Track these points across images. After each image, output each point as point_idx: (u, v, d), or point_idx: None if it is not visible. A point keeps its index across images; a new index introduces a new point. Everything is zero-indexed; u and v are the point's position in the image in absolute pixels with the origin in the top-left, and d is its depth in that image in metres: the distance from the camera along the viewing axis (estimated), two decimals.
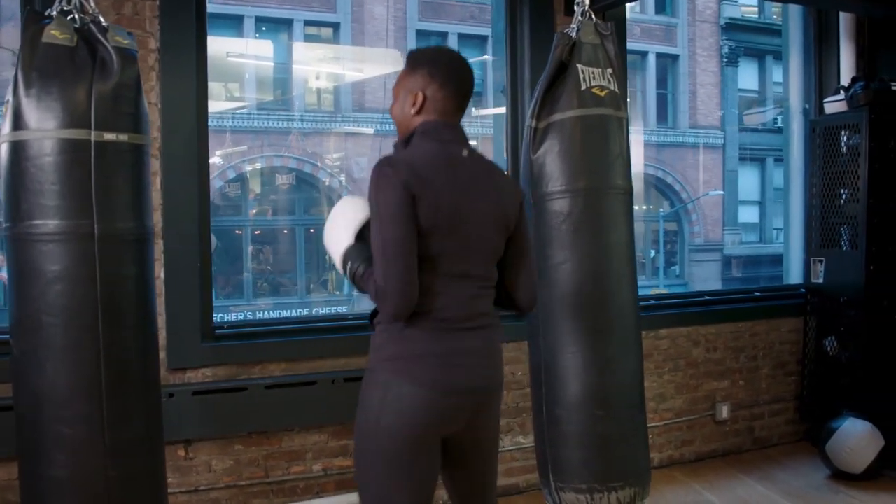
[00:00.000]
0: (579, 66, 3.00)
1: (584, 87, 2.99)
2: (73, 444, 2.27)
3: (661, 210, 17.20)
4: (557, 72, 3.03)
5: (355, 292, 13.55)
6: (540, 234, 2.96)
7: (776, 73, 17.19)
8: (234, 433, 3.33)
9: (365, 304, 13.09)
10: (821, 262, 4.34)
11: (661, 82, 17.57)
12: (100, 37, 2.34)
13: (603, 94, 3.02)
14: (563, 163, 2.95)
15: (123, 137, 2.33)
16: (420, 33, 15.11)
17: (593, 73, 3.02)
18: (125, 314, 2.34)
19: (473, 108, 15.05)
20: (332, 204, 13.86)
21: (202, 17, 3.30)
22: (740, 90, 17.32)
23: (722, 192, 16.47)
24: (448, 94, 2.06)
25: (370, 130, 14.16)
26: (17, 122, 2.27)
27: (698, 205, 16.98)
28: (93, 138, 2.27)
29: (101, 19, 2.38)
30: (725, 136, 17.01)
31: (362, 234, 2.05)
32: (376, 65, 14.49)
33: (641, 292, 3.44)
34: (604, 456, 2.93)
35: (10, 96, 2.33)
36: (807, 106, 4.68)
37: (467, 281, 2.01)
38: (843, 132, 4.28)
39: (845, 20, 4.48)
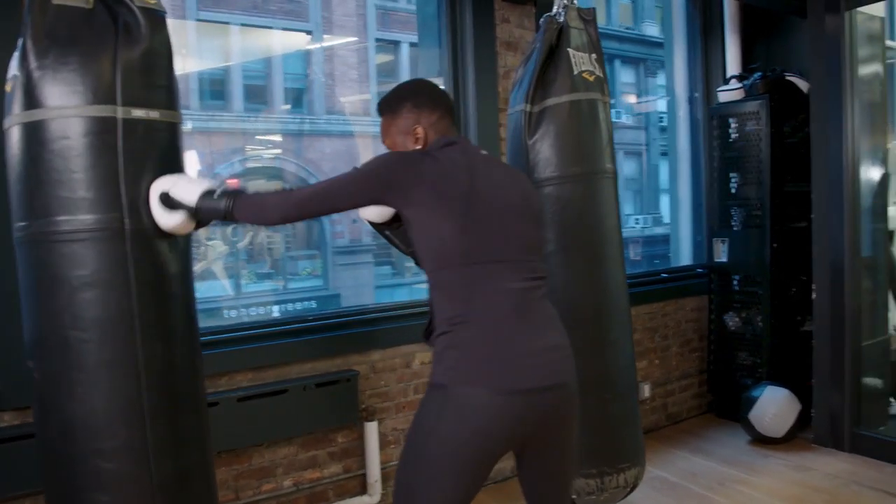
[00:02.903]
0: (570, 51, 3.04)
1: (576, 72, 3.03)
2: (115, 480, 1.95)
3: None
4: (548, 56, 3.04)
5: None
6: None
7: None
8: None
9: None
10: (723, 241, 4.67)
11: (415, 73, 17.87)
12: None
13: (591, 78, 3.08)
14: (561, 148, 2.98)
15: (155, 114, 2.00)
16: (200, 23, 14.48)
17: (582, 57, 3.07)
18: (165, 324, 2.02)
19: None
20: None
21: None
22: None
23: None
24: (441, 114, 2.10)
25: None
26: (30, 101, 1.93)
27: None
28: (120, 116, 1.94)
29: None
30: None
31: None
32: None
33: None
34: (612, 438, 3.01)
35: (16, 70, 1.98)
36: (696, 94, 5.01)
37: (514, 276, 1.95)
38: (731, 120, 4.64)
39: (730, 13, 4.86)
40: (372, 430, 3.43)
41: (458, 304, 1.89)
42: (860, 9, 4.06)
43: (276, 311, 13.23)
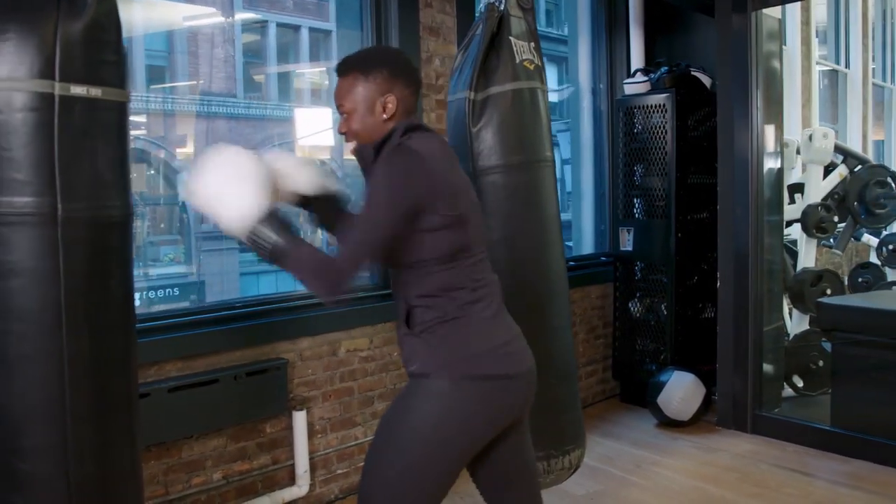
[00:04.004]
0: (511, 39, 3.11)
1: (518, 60, 3.11)
2: (30, 481, 1.88)
3: None
4: (490, 43, 3.09)
5: None
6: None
7: None
8: None
9: None
10: (629, 230, 4.87)
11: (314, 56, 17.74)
12: None
13: (532, 67, 3.17)
14: (504, 136, 3.05)
15: (97, 92, 1.90)
16: None
17: (522, 46, 3.15)
18: (96, 319, 1.94)
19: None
20: None
21: None
22: None
23: None
24: (412, 91, 2.03)
25: None
26: None
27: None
28: (57, 92, 1.83)
29: None
30: None
31: None
32: None
33: None
34: (558, 421, 3.12)
35: None
36: (601, 86, 5.19)
37: (488, 266, 2.06)
38: (636, 112, 4.84)
39: (635, 8, 5.04)
40: (300, 419, 3.40)
41: (455, 295, 1.93)
42: (764, 10, 4.32)
43: (137, 299, 12.76)
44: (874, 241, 5.63)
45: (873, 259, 5.64)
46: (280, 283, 15.38)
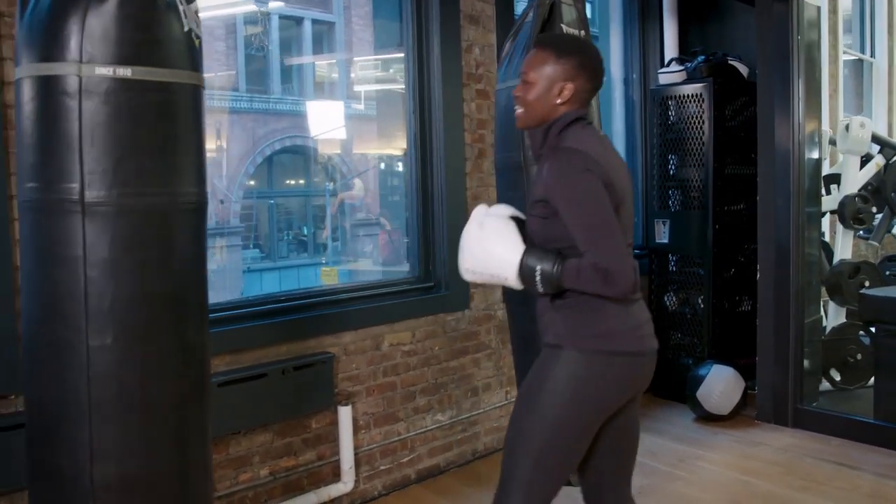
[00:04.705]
0: (563, 27, 3.11)
1: None
2: (54, 474, 1.90)
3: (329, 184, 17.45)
4: (542, 31, 3.10)
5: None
6: None
7: None
8: None
9: None
10: (664, 223, 4.87)
11: (317, 49, 17.72)
12: None
13: None
14: None
15: (125, 72, 1.80)
16: None
17: (573, 34, 3.15)
18: (122, 313, 1.86)
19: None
20: None
21: None
22: None
23: None
24: (592, 87, 2.17)
25: None
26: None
27: (366, 177, 17.48)
28: (83, 73, 1.78)
29: None
30: None
31: None
32: None
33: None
34: None
35: None
36: (634, 76, 5.19)
37: (631, 254, 2.14)
38: (671, 102, 4.84)
39: None
40: (346, 414, 3.41)
41: None
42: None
43: None
44: None
45: None
46: (283, 282, 15.33)
